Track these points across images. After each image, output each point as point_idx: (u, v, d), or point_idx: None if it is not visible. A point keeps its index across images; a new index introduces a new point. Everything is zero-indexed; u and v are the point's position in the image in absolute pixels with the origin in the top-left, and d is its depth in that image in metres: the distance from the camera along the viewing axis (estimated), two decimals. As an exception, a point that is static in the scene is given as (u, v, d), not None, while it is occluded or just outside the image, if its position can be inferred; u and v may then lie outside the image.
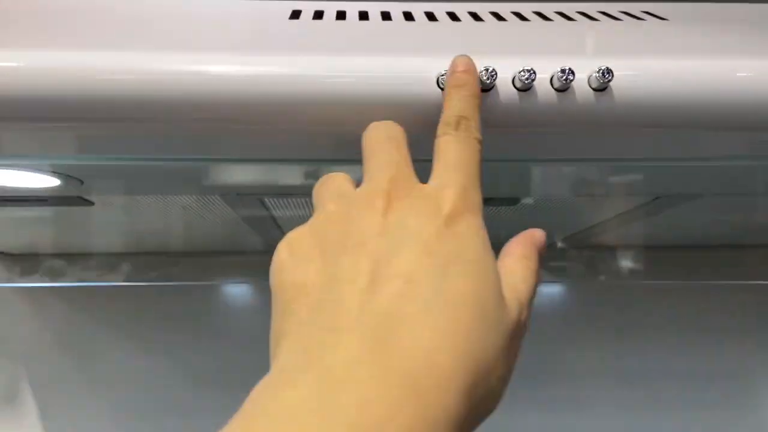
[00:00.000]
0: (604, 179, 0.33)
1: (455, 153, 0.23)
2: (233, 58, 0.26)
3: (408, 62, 0.25)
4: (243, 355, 0.63)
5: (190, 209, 0.43)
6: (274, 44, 0.29)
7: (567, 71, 0.25)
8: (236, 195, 0.37)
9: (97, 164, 0.30)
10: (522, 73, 0.25)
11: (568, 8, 0.36)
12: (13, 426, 0.61)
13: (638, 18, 0.34)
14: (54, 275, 0.62)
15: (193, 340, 0.63)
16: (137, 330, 0.63)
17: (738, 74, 0.26)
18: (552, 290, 0.66)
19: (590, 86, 0.25)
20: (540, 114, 0.25)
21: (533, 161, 0.30)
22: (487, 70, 0.24)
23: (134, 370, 0.63)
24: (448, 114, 0.23)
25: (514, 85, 0.25)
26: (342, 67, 0.25)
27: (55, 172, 0.32)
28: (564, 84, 0.25)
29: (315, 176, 0.30)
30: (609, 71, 0.25)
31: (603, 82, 0.25)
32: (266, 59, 0.26)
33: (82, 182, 0.33)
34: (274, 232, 0.52)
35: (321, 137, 0.26)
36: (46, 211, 0.44)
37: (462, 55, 0.24)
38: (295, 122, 0.25)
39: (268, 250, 0.23)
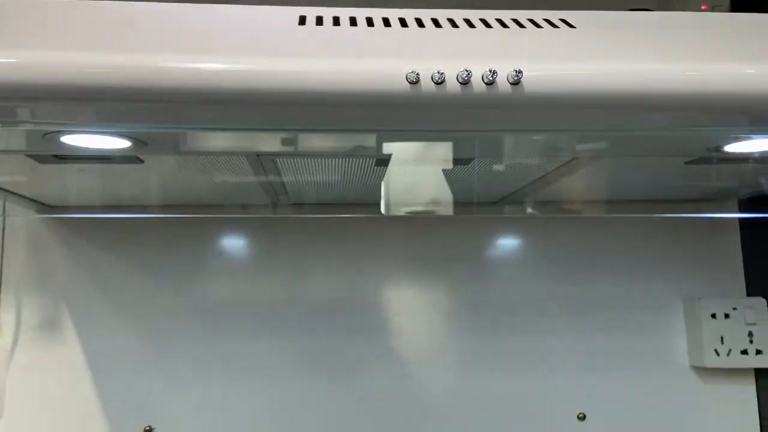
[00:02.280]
0: (530, 145, 0.46)
1: None
2: (263, 60, 0.38)
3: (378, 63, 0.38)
4: (232, 283, 0.76)
5: (215, 167, 0.55)
6: (287, 48, 0.41)
7: (492, 71, 0.37)
8: (256, 156, 0.49)
9: (163, 131, 0.42)
10: (462, 72, 0.37)
11: (506, 15, 0.48)
12: (57, 346, 0.73)
13: (554, 26, 0.46)
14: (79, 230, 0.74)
15: (203, 276, 0.76)
16: (156, 267, 0.75)
17: (608, 74, 0.38)
18: (512, 242, 0.79)
19: (508, 81, 0.37)
20: (475, 99, 0.37)
21: (476, 132, 0.42)
22: (438, 71, 0.37)
23: (154, 300, 0.75)
24: None
25: (458, 80, 0.37)
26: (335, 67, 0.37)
27: (127, 137, 0.44)
28: (490, 80, 0.37)
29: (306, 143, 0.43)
30: (520, 71, 0.37)
31: (517, 79, 0.37)
32: (284, 60, 0.38)
33: (146, 144, 0.45)
34: (277, 186, 0.64)
35: (320, 114, 0.38)
36: (98, 169, 0.55)
37: None
38: (304, 104, 0.37)
39: (267, 204, 0.35)
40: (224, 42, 0.41)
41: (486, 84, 0.37)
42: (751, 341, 0.75)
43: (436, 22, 0.46)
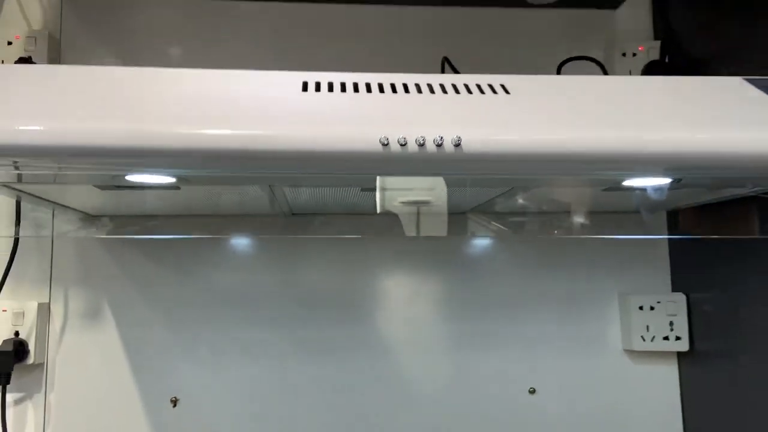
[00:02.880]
0: (474, 182, 0.62)
1: None
2: (275, 127, 0.52)
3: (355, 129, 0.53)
4: (249, 279, 0.91)
5: (233, 193, 0.70)
6: (293, 116, 0.56)
7: (440, 137, 0.52)
8: (269, 186, 0.65)
9: (200, 174, 0.57)
10: (419, 138, 0.52)
11: (459, 80, 0.63)
12: (97, 332, 0.89)
13: (494, 91, 0.61)
14: (120, 229, 0.89)
15: (220, 274, 0.91)
16: (181, 266, 0.91)
17: (525, 137, 0.53)
18: (485, 243, 0.95)
19: (452, 144, 0.53)
20: (428, 157, 0.52)
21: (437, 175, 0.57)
22: (402, 137, 0.52)
23: (178, 293, 0.90)
24: None
25: (416, 143, 0.52)
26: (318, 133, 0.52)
27: (174, 175, 0.59)
28: (438, 141, 0.52)
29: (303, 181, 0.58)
30: (459, 137, 0.52)
31: (457, 143, 0.52)
32: (290, 127, 0.53)
33: (188, 180, 0.60)
34: (282, 201, 0.79)
35: (318, 165, 0.53)
36: (146, 192, 0.70)
37: None
38: (295, 161, 0.52)
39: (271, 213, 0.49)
40: (244, 110, 0.56)
41: (436, 146, 0.52)
42: (671, 329, 0.91)
43: (405, 87, 0.61)
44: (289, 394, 0.90)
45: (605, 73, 0.92)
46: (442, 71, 0.93)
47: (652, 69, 0.93)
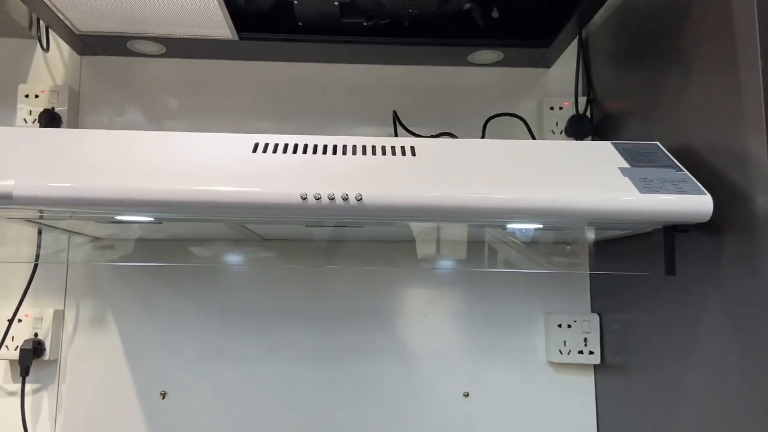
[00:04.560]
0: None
1: None
2: (227, 184, 0.70)
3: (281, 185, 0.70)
4: (235, 289, 1.09)
5: (206, 226, 0.88)
6: (243, 173, 0.73)
7: (346, 194, 0.69)
8: (231, 222, 0.82)
9: (172, 216, 0.75)
10: (330, 193, 0.69)
11: (373, 142, 0.80)
12: (102, 336, 1.07)
13: (403, 153, 0.78)
14: (121, 255, 1.08)
15: (208, 290, 1.09)
16: (175, 283, 1.09)
17: (411, 194, 0.70)
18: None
19: (355, 199, 0.69)
20: (337, 209, 0.69)
21: (343, 224, 0.74)
22: (317, 193, 0.69)
23: (172, 306, 1.08)
24: None
25: (328, 198, 0.69)
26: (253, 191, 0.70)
27: (152, 218, 0.77)
28: (345, 197, 0.69)
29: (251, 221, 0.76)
30: (360, 194, 0.69)
31: (359, 198, 0.69)
32: (238, 183, 0.70)
33: (161, 221, 0.78)
34: (245, 231, 0.97)
35: (250, 213, 0.71)
36: (132, 225, 0.89)
37: None
38: (238, 212, 0.70)
39: (239, 239, 0.67)
40: (203, 170, 0.73)
41: (342, 200, 0.69)
42: (585, 344, 1.06)
43: (334, 149, 0.78)
44: (258, 391, 1.07)
45: (527, 126, 1.08)
46: (394, 123, 1.10)
47: (573, 122, 1.09)
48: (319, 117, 1.12)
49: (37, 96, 1.08)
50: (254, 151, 0.78)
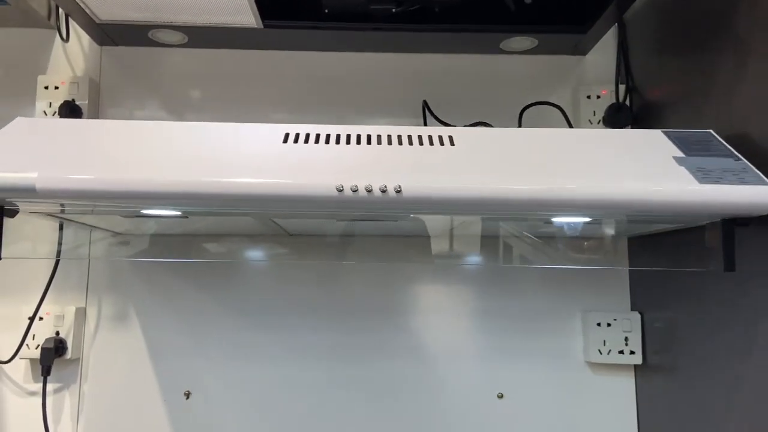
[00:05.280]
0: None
1: None
2: (256, 176, 0.66)
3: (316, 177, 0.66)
4: (256, 288, 1.05)
5: (232, 221, 0.84)
6: (274, 164, 0.70)
7: (383, 185, 0.65)
8: (260, 217, 0.79)
9: (200, 210, 0.71)
10: (368, 185, 0.65)
11: (409, 131, 0.76)
12: (124, 333, 1.04)
13: (441, 143, 0.74)
14: (143, 251, 1.05)
15: (231, 287, 1.06)
16: (198, 279, 1.06)
17: (455, 186, 0.66)
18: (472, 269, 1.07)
19: (394, 191, 0.65)
20: (375, 201, 0.65)
21: (387, 219, 0.70)
22: (354, 185, 0.65)
23: (194, 303, 1.05)
24: None
25: (365, 190, 0.65)
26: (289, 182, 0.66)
27: (178, 210, 0.73)
28: (383, 188, 0.65)
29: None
30: (400, 186, 0.65)
31: (398, 190, 0.65)
32: (270, 175, 0.66)
33: (188, 215, 0.75)
34: (272, 225, 0.93)
35: (283, 207, 0.67)
36: (159, 219, 0.85)
37: None
38: (270, 205, 0.66)
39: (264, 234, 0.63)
40: (233, 161, 0.70)
41: (381, 192, 0.65)
42: (626, 344, 1.02)
43: (368, 139, 0.74)
44: (282, 391, 1.04)
45: (564, 116, 1.04)
46: (424, 113, 1.06)
47: (612, 111, 1.04)
48: (346, 108, 1.08)
49: (56, 88, 1.05)
50: (285, 141, 0.74)
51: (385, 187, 0.65)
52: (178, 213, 0.75)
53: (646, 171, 0.68)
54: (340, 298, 1.06)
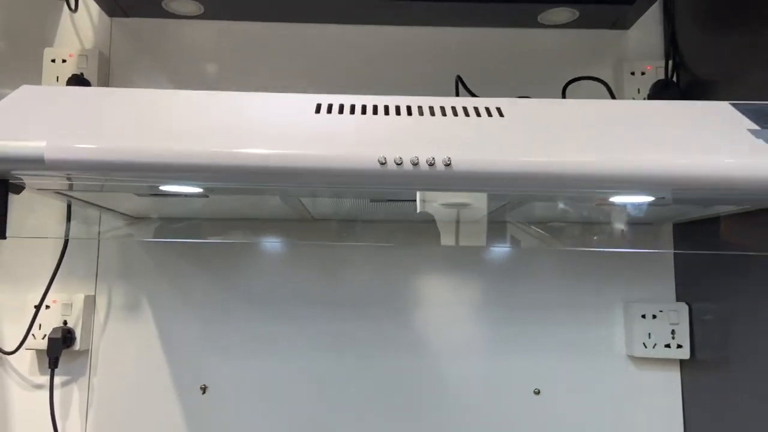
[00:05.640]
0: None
1: None
2: (286, 146, 0.60)
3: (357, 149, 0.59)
4: (274, 278, 0.99)
5: (256, 200, 0.78)
6: (306, 135, 0.63)
7: (432, 158, 0.58)
8: (287, 195, 0.72)
9: (223, 186, 0.65)
10: (413, 158, 0.58)
11: (453, 102, 0.69)
12: (136, 323, 0.98)
13: (489, 114, 0.67)
14: (158, 232, 0.98)
15: (249, 274, 0.99)
16: (213, 266, 0.99)
17: (512, 158, 0.59)
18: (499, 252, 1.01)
19: (443, 164, 0.59)
20: (421, 175, 0.59)
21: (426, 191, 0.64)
22: (399, 157, 0.58)
23: (211, 291, 0.99)
24: None
25: (411, 163, 0.59)
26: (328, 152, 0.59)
27: (200, 186, 0.66)
28: (430, 161, 0.59)
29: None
30: (449, 158, 0.58)
31: (448, 163, 0.58)
32: (302, 146, 0.60)
33: (212, 191, 0.68)
34: (297, 207, 0.87)
35: (317, 182, 0.60)
36: (178, 199, 0.79)
37: None
38: (302, 179, 0.59)
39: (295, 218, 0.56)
40: (262, 131, 0.63)
41: (428, 165, 0.59)
42: (673, 337, 0.95)
43: (408, 110, 0.68)
44: (308, 387, 0.97)
45: (610, 91, 0.97)
46: (456, 90, 0.99)
47: (659, 88, 0.97)
48: (375, 85, 1.02)
49: (64, 61, 0.98)
50: (317, 112, 0.67)
51: (433, 159, 0.58)
52: (198, 190, 0.68)
53: (723, 145, 0.61)
54: (362, 289, 0.99)
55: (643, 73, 1.00)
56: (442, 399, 0.97)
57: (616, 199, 0.68)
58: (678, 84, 0.99)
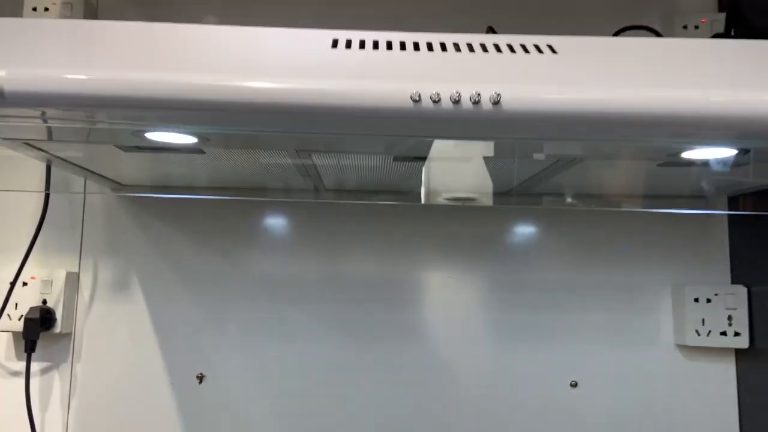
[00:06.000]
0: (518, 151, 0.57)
1: None
2: (301, 81, 0.49)
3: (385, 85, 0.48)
4: (278, 256, 0.88)
5: (262, 161, 0.67)
6: (322, 70, 0.52)
7: (477, 93, 0.48)
8: (296, 151, 0.61)
9: (221, 132, 0.54)
10: (454, 94, 0.48)
11: (502, 40, 0.58)
12: (126, 304, 0.87)
13: (540, 51, 0.56)
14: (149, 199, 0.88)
15: (252, 250, 0.88)
16: (212, 241, 0.88)
17: (571, 96, 0.48)
18: (529, 229, 0.90)
19: (490, 102, 0.48)
20: (463, 115, 0.48)
21: (467, 138, 0.53)
22: (435, 92, 0.47)
23: (209, 269, 0.88)
24: None
25: (450, 100, 0.48)
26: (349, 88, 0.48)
27: (194, 134, 0.56)
28: (475, 98, 0.48)
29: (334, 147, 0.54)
30: (499, 94, 0.47)
31: (496, 100, 0.48)
32: (318, 81, 0.49)
33: (208, 140, 0.57)
34: (314, 174, 0.76)
35: (344, 124, 0.49)
36: (170, 156, 0.68)
37: None
38: (320, 119, 0.49)
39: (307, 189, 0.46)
40: (270, 64, 0.52)
41: (473, 103, 0.48)
42: (730, 324, 0.84)
43: (443, 46, 0.57)
44: (318, 377, 0.87)
45: (664, 44, 0.85)
46: (487, 42, 0.88)
47: (716, 42, 0.86)
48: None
49: (46, 9, 0.88)
50: (334, 46, 0.56)
51: (478, 96, 0.47)
52: (192, 140, 0.57)
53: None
54: (384, 267, 0.88)
55: (696, 27, 0.89)
56: (465, 392, 0.87)
57: (691, 154, 0.57)
58: (736, 38, 0.87)
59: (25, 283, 0.84)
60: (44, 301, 0.84)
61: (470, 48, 0.57)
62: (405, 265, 0.89)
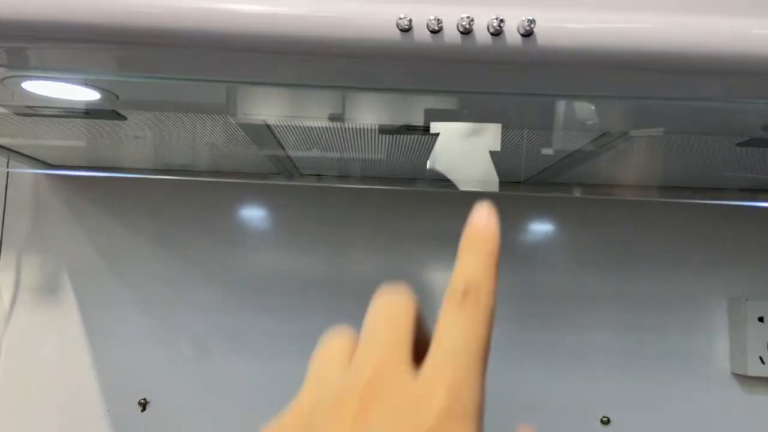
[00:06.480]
0: (545, 112, 0.40)
1: (456, 334, 0.20)
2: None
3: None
4: (245, 253, 0.72)
5: (207, 131, 0.51)
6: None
7: (500, 19, 0.31)
8: (243, 115, 0.45)
9: (131, 81, 0.38)
10: (464, 19, 0.31)
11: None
12: (55, 310, 0.71)
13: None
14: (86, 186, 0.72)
15: (213, 246, 0.72)
16: (163, 234, 0.72)
17: (642, 27, 0.32)
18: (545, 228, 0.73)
19: (518, 32, 0.31)
20: (477, 51, 0.31)
21: (478, 93, 0.36)
22: (435, 18, 0.31)
23: (158, 268, 0.72)
24: (458, 279, 0.21)
25: (458, 29, 0.31)
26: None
27: (94, 86, 0.39)
28: (497, 29, 0.31)
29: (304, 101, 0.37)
30: (533, 20, 0.31)
31: (529, 29, 0.31)
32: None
33: (117, 97, 0.41)
34: (285, 158, 0.59)
35: (296, 64, 0.33)
36: (85, 125, 0.52)
37: (484, 205, 0.22)
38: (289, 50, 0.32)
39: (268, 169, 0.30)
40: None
41: (492, 34, 0.31)
42: (802, 351, 0.67)
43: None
44: (280, 392, 0.70)
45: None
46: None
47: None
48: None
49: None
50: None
51: (500, 24, 0.31)
52: (95, 96, 0.41)
53: None
54: (357, 273, 0.72)
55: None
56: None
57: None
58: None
59: (-75, 285, 0.68)
60: (-52, 308, 0.68)
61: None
62: (395, 271, 0.72)
